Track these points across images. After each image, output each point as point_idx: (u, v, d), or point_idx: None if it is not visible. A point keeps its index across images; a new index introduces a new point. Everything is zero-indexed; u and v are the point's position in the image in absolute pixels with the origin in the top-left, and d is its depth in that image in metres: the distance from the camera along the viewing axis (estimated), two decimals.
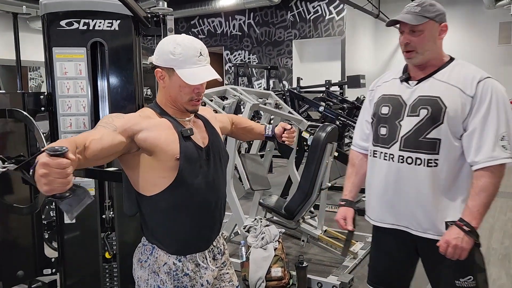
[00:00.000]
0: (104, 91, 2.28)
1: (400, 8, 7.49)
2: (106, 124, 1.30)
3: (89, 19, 2.21)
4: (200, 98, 1.46)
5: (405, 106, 1.64)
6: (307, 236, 3.48)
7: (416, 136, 1.60)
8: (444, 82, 1.60)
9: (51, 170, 0.97)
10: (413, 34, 1.59)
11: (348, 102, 5.80)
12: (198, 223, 1.48)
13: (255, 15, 11.08)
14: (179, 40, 1.40)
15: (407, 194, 1.64)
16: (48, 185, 0.97)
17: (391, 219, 1.71)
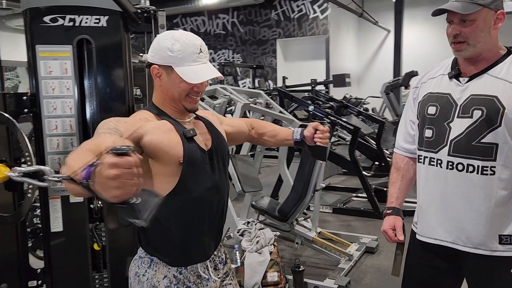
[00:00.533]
0: (92, 91, 2.15)
1: (384, 6, 7.58)
2: (110, 130, 1.18)
3: (75, 15, 2.08)
4: (198, 96, 1.36)
5: (455, 106, 1.46)
6: (301, 238, 3.41)
7: (468, 140, 1.43)
8: (501, 79, 1.40)
9: (122, 171, 0.84)
10: (464, 24, 1.39)
11: (336, 101, 5.75)
12: (200, 231, 1.38)
13: (239, 13, 10.99)
14: (177, 36, 1.30)
15: (456, 205, 1.46)
16: (120, 188, 0.84)
17: (435, 233, 1.53)
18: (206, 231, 1.40)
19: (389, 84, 7.79)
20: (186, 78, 1.27)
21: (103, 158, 0.84)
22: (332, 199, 5.19)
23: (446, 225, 1.49)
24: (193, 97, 1.33)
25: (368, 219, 4.53)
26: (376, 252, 3.63)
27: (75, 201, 2.18)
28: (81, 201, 2.19)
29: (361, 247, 3.57)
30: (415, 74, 7.46)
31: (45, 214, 2.17)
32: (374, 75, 11.39)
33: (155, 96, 1.38)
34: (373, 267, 3.37)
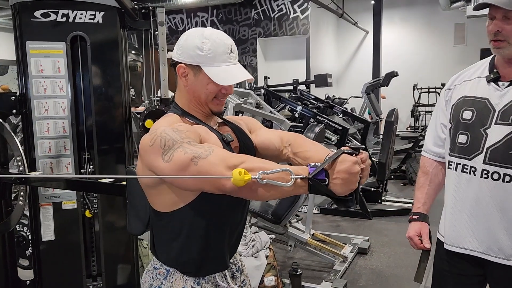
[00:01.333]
0: (87, 91, 2.04)
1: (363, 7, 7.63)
2: (189, 139, 1.10)
3: (68, 10, 1.97)
4: (225, 99, 1.28)
5: (493, 111, 1.39)
6: (295, 240, 3.36)
7: (506, 149, 1.36)
8: None
9: (363, 166, 1.02)
10: (507, 21, 1.31)
11: (321, 101, 5.74)
12: (221, 241, 1.31)
13: (218, 12, 10.86)
14: (207, 34, 1.21)
15: (489, 214, 1.40)
16: (360, 180, 1.02)
17: (464, 243, 1.47)
18: (227, 241, 1.32)
19: (370, 84, 7.84)
20: (216, 79, 1.19)
21: (343, 158, 0.99)
22: (319, 199, 5.15)
23: (478, 234, 1.44)
24: (220, 99, 1.25)
25: (357, 219, 4.53)
26: (369, 253, 3.62)
27: (68, 207, 2.06)
28: (75, 208, 2.08)
29: (353, 248, 3.56)
30: (395, 74, 7.54)
31: (35, 222, 2.04)
32: (353, 75, 11.50)
33: (179, 97, 1.28)
34: (367, 268, 3.35)
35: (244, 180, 0.96)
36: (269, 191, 1.02)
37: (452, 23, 10.53)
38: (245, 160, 1.04)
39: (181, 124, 1.20)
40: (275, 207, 3.29)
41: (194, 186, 1.09)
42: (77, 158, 2.04)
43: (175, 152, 1.06)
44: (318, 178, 0.99)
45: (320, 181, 0.99)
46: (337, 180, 0.98)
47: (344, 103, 7.74)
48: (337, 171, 0.98)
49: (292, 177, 0.98)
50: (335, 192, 0.99)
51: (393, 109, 4.83)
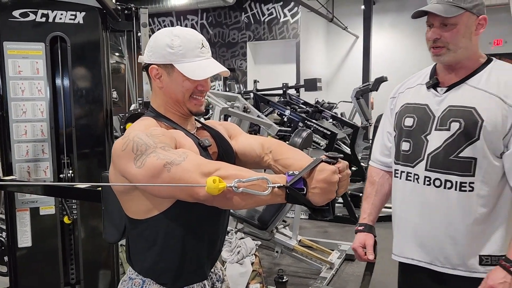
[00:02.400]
0: (66, 93, 1.99)
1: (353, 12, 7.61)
2: (163, 144, 1.05)
3: (48, 10, 1.92)
4: (203, 96, 1.23)
5: (433, 117, 1.38)
6: (281, 247, 3.32)
7: (446, 154, 1.34)
8: (480, 90, 1.33)
9: (343, 174, 0.99)
10: (445, 28, 1.32)
11: (310, 105, 5.72)
12: (199, 250, 1.26)
13: (208, 15, 10.83)
14: (176, 31, 1.18)
15: (434, 223, 1.38)
16: (343, 187, 1.00)
17: (412, 253, 1.44)
18: (206, 250, 1.27)
19: (359, 89, 7.87)
20: (189, 75, 1.14)
21: (322, 166, 0.96)
22: None
23: (425, 244, 1.40)
24: (197, 97, 1.21)
25: (345, 225, 4.51)
26: (356, 260, 3.59)
27: (46, 213, 2.00)
28: (53, 213, 2.01)
29: (341, 254, 3.53)
30: (384, 79, 7.57)
31: (12, 228, 1.98)
32: (343, 80, 11.51)
33: (154, 100, 1.24)
34: (354, 275, 3.32)
35: (218, 188, 0.93)
36: (245, 200, 0.98)
37: None
38: (221, 167, 1.00)
39: (156, 128, 1.16)
40: (262, 212, 3.25)
41: (166, 193, 1.05)
42: (55, 162, 1.98)
43: (147, 158, 1.02)
44: (296, 187, 0.95)
45: (298, 190, 0.95)
46: (315, 189, 0.95)
47: (333, 107, 7.74)
48: (316, 180, 0.95)
49: (269, 186, 0.94)
50: (312, 202, 0.96)
51: (381, 114, 4.81)
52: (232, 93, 4.09)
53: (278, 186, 0.95)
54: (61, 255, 2.03)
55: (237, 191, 0.94)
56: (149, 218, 1.18)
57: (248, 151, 1.35)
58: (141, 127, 1.16)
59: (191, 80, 1.16)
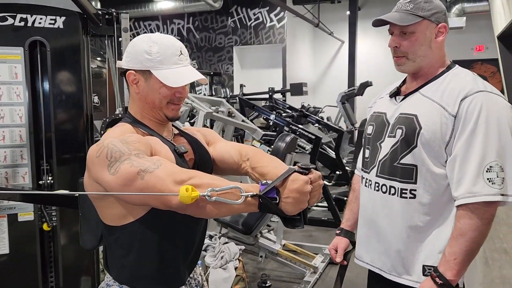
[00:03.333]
0: (46, 98, 1.97)
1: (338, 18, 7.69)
2: (138, 151, 1.05)
3: (27, 14, 1.90)
4: (180, 102, 1.24)
5: (387, 125, 1.39)
6: (266, 251, 3.32)
7: (391, 161, 1.35)
8: (426, 98, 1.32)
9: (315, 185, 1.00)
10: (404, 36, 1.32)
11: (295, 109, 5.75)
12: (176, 257, 1.26)
13: (194, 19, 10.82)
14: (154, 38, 1.18)
15: (382, 229, 1.38)
16: (310, 200, 1.00)
17: (366, 257, 1.46)
18: (183, 256, 1.27)
19: (344, 93, 7.93)
20: (166, 81, 1.15)
21: (295, 176, 0.96)
22: None
23: (375, 249, 1.41)
24: (175, 104, 1.21)
25: (330, 229, 4.51)
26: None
27: (24, 219, 1.97)
28: (31, 220, 1.99)
29: (325, 258, 3.54)
30: (369, 84, 7.65)
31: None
32: (329, 84, 11.60)
33: (132, 106, 1.24)
34: None
35: (191, 197, 0.93)
36: (218, 209, 0.98)
37: None
38: (195, 175, 1.00)
39: (131, 135, 1.15)
40: (246, 217, 3.24)
41: (139, 201, 1.04)
42: (34, 168, 1.95)
43: (121, 165, 1.02)
44: (269, 196, 0.96)
45: (270, 199, 0.96)
46: (288, 199, 0.96)
47: (319, 112, 7.79)
48: (288, 190, 0.96)
49: (242, 195, 0.95)
50: (285, 211, 0.97)
51: (365, 118, 4.86)
52: (217, 98, 4.10)
53: (251, 195, 0.95)
54: (40, 262, 2.00)
55: (210, 200, 0.95)
56: (124, 225, 1.17)
57: (226, 158, 1.35)
58: (116, 133, 1.16)
59: (169, 87, 1.16)
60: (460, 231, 1.22)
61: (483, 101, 1.23)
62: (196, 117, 3.56)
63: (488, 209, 1.21)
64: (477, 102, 1.23)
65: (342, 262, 1.56)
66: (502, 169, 1.20)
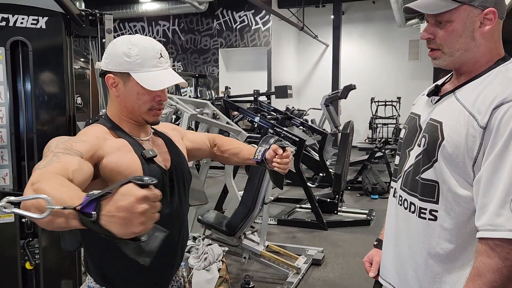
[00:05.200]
0: (27, 99, 1.95)
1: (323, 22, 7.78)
2: (68, 151, 1.01)
3: (8, 14, 1.88)
4: (161, 107, 1.25)
5: (419, 130, 1.18)
6: (249, 252, 3.33)
7: (414, 173, 1.16)
8: (459, 101, 1.09)
9: (151, 205, 0.74)
10: (440, 25, 1.10)
11: (280, 112, 5.79)
12: (159, 260, 1.26)
13: (180, 21, 10.81)
14: (134, 40, 1.18)
15: (402, 247, 1.21)
16: (144, 224, 0.74)
17: (389, 276, 1.28)
18: (166, 260, 1.28)
19: (328, 96, 8.02)
20: (145, 84, 1.15)
21: (126, 189, 0.73)
22: (276, 211, 5.18)
23: (396, 268, 1.24)
24: (156, 110, 1.22)
25: (313, 230, 4.56)
26: (323, 264, 3.65)
27: (4, 221, 1.95)
28: (12, 221, 1.97)
29: (308, 259, 3.57)
30: (353, 87, 7.76)
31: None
32: (313, 87, 11.70)
33: (110, 108, 1.24)
34: (320, 280, 3.37)
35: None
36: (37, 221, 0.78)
37: (407, 40, 10.97)
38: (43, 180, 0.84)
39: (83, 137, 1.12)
40: (229, 219, 3.26)
41: None
42: (15, 169, 1.94)
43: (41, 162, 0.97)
44: (84, 211, 0.75)
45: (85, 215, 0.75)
46: (112, 218, 0.73)
47: (303, 114, 7.85)
48: (114, 206, 0.73)
49: (48, 207, 0.74)
50: (112, 232, 0.74)
51: (348, 121, 4.93)
52: (202, 100, 4.10)
53: (59, 208, 0.74)
54: (20, 265, 1.98)
55: (5, 212, 0.80)
56: None
57: (200, 145, 1.51)
58: (82, 132, 1.18)
59: (148, 91, 1.16)
60: (477, 270, 1.01)
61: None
62: (181, 119, 3.57)
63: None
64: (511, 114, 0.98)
65: (376, 277, 1.36)
66: None
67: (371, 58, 11.42)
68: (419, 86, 12.74)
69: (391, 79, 11.24)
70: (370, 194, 6.01)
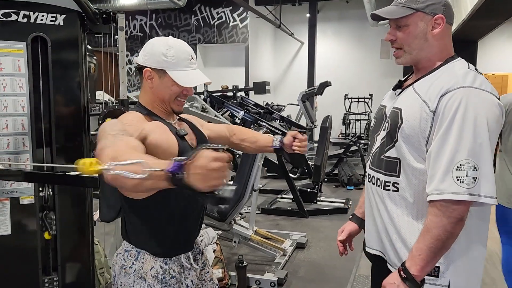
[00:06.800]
0: (47, 89, 2.11)
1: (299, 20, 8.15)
2: (123, 132, 1.23)
3: (30, 11, 2.03)
4: (185, 99, 1.47)
5: (385, 118, 1.39)
6: (239, 237, 3.56)
7: (379, 153, 1.37)
8: (415, 92, 1.30)
9: (222, 164, 0.95)
10: (399, 29, 1.32)
11: (262, 107, 6.03)
12: (187, 226, 1.48)
13: (157, 16, 10.86)
14: (171, 42, 1.40)
15: (376, 217, 1.42)
16: (219, 179, 0.95)
17: (369, 242, 1.48)
18: (192, 226, 1.50)
19: (305, 92, 8.31)
20: (179, 82, 1.37)
21: (204, 153, 0.95)
22: (259, 201, 5.41)
23: (377, 235, 1.43)
24: (181, 100, 1.44)
25: (295, 218, 4.84)
26: (306, 247, 3.93)
27: (26, 202, 2.11)
28: (32, 203, 2.13)
29: (293, 243, 3.84)
30: (328, 84, 8.07)
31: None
32: (289, 83, 12.01)
33: (143, 97, 1.45)
34: (305, 261, 3.64)
35: (88, 170, 0.98)
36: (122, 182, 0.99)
37: (379, 38, 11.40)
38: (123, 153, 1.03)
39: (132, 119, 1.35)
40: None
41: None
42: (36, 154, 2.10)
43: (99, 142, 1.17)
44: (174, 171, 0.95)
45: (176, 175, 0.95)
46: (195, 175, 0.94)
47: (281, 110, 8.11)
48: (194, 166, 0.94)
49: (146, 170, 0.95)
50: (194, 187, 0.95)
51: (327, 115, 5.22)
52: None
53: (155, 170, 0.95)
54: (39, 243, 2.14)
55: (112, 173, 0.98)
56: (143, 199, 1.39)
57: (218, 135, 1.70)
58: (123, 117, 1.39)
59: (179, 86, 1.39)
60: (426, 227, 1.21)
61: (462, 97, 1.18)
62: None
63: (456, 208, 1.17)
64: (456, 98, 1.19)
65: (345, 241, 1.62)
66: (475, 168, 1.15)
67: (345, 56, 11.81)
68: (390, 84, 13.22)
69: (364, 76, 11.67)
70: (346, 185, 6.35)
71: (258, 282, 3.11)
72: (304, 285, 3.21)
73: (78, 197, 2.24)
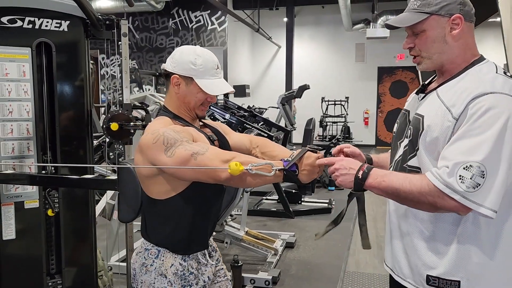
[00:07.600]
0: (51, 95, 2.13)
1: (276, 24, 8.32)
2: (187, 138, 1.36)
3: (34, 17, 2.06)
4: (208, 106, 1.55)
5: (408, 124, 1.33)
6: (230, 238, 3.63)
7: (402, 162, 1.31)
8: (438, 97, 1.24)
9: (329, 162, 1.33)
10: (416, 36, 1.27)
11: (245, 110, 6.11)
12: (206, 224, 1.56)
13: (134, 19, 10.78)
14: (199, 51, 1.47)
15: (393, 231, 1.37)
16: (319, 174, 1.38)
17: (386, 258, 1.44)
18: (210, 224, 1.58)
19: (285, 96, 8.45)
20: (206, 89, 1.45)
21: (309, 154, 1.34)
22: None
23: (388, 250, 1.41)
24: (205, 106, 1.51)
25: (281, 218, 4.94)
26: (295, 247, 4.03)
27: (30, 206, 2.13)
28: (37, 207, 2.15)
29: (283, 242, 3.94)
30: (307, 87, 8.25)
31: None
32: (267, 87, 12.14)
33: (169, 102, 1.52)
34: (295, 260, 3.75)
35: (239, 170, 1.24)
36: (255, 179, 1.31)
37: (353, 43, 11.69)
38: (236, 155, 1.34)
39: (176, 126, 1.45)
40: None
41: (192, 177, 1.37)
42: (40, 159, 2.12)
43: (176, 149, 1.32)
44: (291, 169, 1.32)
45: (292, 172, 1.32)
46: (304, 171, 1.33)
47: (262, 112, 8.22)
48: (304, 164, 1.33)
49: (274, 169, 1.28)
50: (301, 181, 1.33)
51: (311, 118, 5.36)
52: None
53: (279, 169, 1.30)
54: (44, 247, 2.16)
55: (252, 173, 1.27)
56: (167, 199, 1.46)
57: (239, 145, 1.70)
58: (161, 124, 1.45)
59: (204, 93, 1.47)
60: (414, 179, 1.17)
61: (491, 104, 1.10)
62: None
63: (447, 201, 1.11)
64: (483, 105, 1.11)
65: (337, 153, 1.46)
66: (483, 174, 1.07)
67: (321, 60, 12.05)
68: (365, 86, 13.56)
69: (340, 79, 11.92)
70: (327, 186, 6.51)
71: (252, 281, 3.19)
72: (297, 283, 3.32)
73: (81, 200, 2.27)
